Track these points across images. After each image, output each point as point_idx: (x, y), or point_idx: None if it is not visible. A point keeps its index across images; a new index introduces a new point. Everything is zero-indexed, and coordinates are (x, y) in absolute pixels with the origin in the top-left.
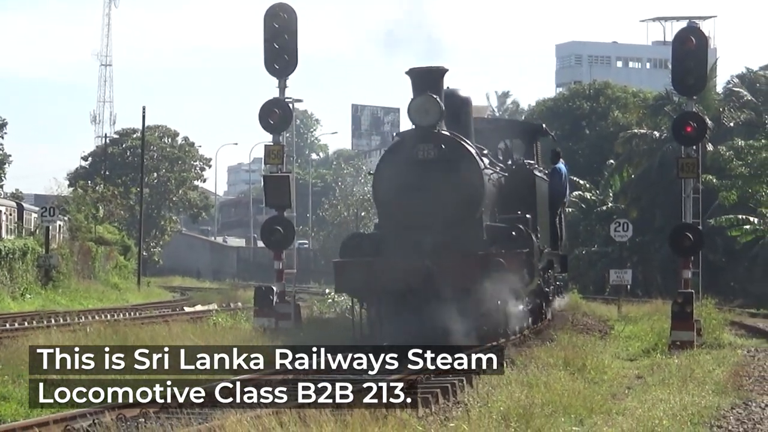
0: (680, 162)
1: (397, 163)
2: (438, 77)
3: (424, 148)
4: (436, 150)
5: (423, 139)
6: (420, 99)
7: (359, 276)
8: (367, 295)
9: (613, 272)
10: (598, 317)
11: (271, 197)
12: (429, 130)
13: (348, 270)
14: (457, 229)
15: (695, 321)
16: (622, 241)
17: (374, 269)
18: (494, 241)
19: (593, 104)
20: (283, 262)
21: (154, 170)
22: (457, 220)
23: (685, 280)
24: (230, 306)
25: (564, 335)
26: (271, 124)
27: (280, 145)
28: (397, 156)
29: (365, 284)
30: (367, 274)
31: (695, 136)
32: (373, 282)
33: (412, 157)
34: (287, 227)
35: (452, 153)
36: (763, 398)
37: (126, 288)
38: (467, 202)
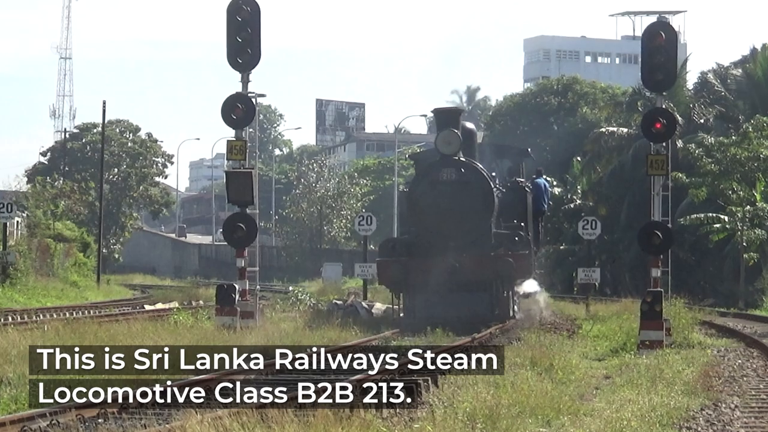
0: (650, 159)
1: (426, 184)
2: (456, 115)
3: (447, 171)
4: (457, 173)
5: (446, 164)
6: (444, 133)
7: (397, 272)
8: (403, 287)
9: (581, 271)
10: (566, 316)
11: (233, 193)
12: (451, 158)
13: (388, 267)
14: (473, 234)
15: (664, 320)
16: (590, 239)
17: (410, 266)
18: (501, 244)
19: (561, 100)
20: (246, 259)
21: (115, 166)
22: (473, 228)
23: (654, 278)
24: (192, 304)
25: (531, 334)
26: (233, 119)
27: (242, 140)
28: (426, 178)
29: (402, 278)
30: (404, 270)
31: (665, 132)
32: (408, 276)
33: (438, 178)
34: (250, 224)
35: (469, 176)
36: (733, 399)
37: (85, 286)
38: (481, 214)
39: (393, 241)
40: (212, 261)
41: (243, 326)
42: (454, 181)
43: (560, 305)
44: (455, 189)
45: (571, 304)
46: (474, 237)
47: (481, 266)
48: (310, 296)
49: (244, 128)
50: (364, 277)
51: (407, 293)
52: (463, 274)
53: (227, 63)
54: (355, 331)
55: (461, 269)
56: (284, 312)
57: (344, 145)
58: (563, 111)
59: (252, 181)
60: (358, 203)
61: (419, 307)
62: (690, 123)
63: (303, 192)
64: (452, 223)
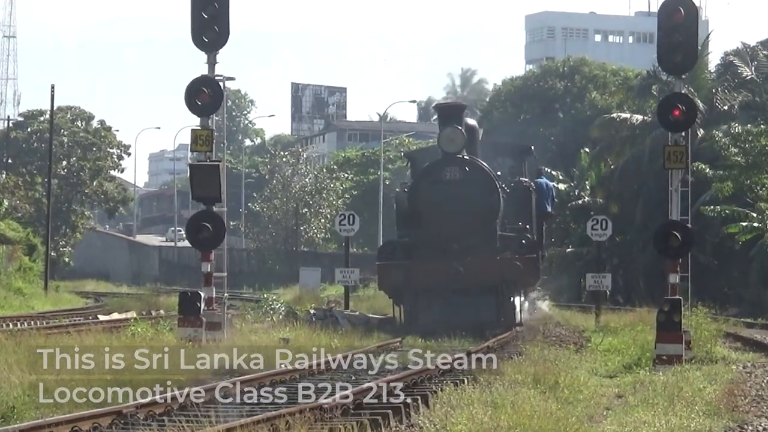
0: (667, 151)
1: (428, 183)
2: (460, 111)
3: (451, 170)
4: (461, 172)
5: (450, 163)
6: (448, 130)
7: (398, 276)
8: (404, 292)
9: (590, 276)
10: (573, 328)
11: (198, 189)
12: (454, 156)
13: (389, 271)
14: (476, 237)
15: (684, 332)
16: (600, 240)
17: (411, 270)
18: (506, 247)
19: (568, 84)
20: (212, 263)
21: (65, 158)
22: (476, 230)
23: (672, 285)
24: (151, 314)
25: (534, 348)
26: (198, 106)
27: (209, 129)
28: (428, 177)
29: (404, 283)
30: (405, 274)
31: (684, 120)
32: (410, 280)
33: (441, 178)
34: (217, 224)
35: (474, 175)
36: (761, 421)
37: (31, 293)
38: (486, 216)
39: (393, 244)
40: (174, 265)
41: (209, 339)
42: (458, 181)
43: (567, 315)
44: (459, 189)
45: (579, 314)
46: (479, 239)
47: (487, 270)
48: (285, 305)
49: (211, 116)
50: (345, 284)
51: (407, 298)
52: (467, 278)
53: (192, 42)
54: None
55: (465, 273)
56: (255, 323)
57: (323, 134)
58: (570, 96)
59: (219, 175)
60: (339, 200)
61: (421, 313)
62: (712, 110)
63: (277, 188)
64: (456, 225)
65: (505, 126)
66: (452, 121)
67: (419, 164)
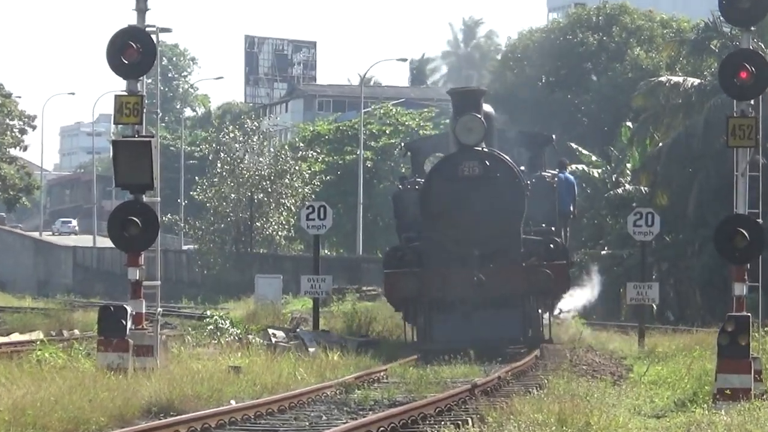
0: (731, 123)
1: (443, 180)
2: (478, 97)
3: (470, 165)
4: (481, 167)
5: (468, 156)
6: (466, 118)
7: (411, 286)
8: (417, 304)
9: (632, 287)
10: (609, 353)
11: (124, 173)
12: (473, 149)
13: (398, 280)
14: (499, 241)
15: (753, 359)
16: (644, 240)
17: (426, 279)
18: (532, 253)
19: (603, 38)
20: (142, 269)
21: None
22: (499, 233)
23: (737, 298)
24: (63, 335)
25: (559, 380)
26: (125, 65)
27: (138, 95)
28: (442, 173)
29: (416, 293)
30: (418, 284)
31: (753, 85)
32: (424, 291)
33: (458, 174)
34: (148, 218)
35: (496, 170)
36: None
37: None
38: (510, 217)
39: (401, 249)
40: (92, 272)
41: (137, 367)
42: (477, 177)
43: (601, 337)
44: (480, 186)
45: (618, 335)
46: (499, 244)
47: (512, 279)
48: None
49: (141, 78)
50: (314, 296)
51: (420, 311)
52: (489, 288)
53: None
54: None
55: (487, 283)
56: (198, 346)
57: (286, 102)
58: (606, 54)
59: (151, 154)
60: (306, 187)
61: (436, 329)
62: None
63: (225, 171)
64: (476, 228)
65: (522, 92)
66: (469, 109)
67: (422, 156)
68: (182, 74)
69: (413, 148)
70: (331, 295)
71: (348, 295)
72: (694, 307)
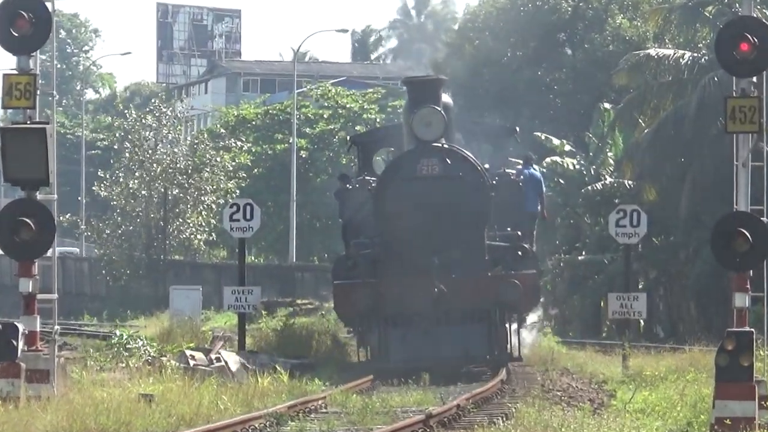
0: (730, 105)
1: (399, 180)
2: (438, 87)
3: (429, 163)
4: (441, 165)
5: (426, 153)
6: (424, 111)
7: (364, 299)
8: (371, 319)
9: (615, 298)
10: (588, 376)
11: (13, 167)
12: (432, 145)
13: (350, 292)
14: (461, 248)
15: (757, 382)
16: (630, 243)
17: (381, 291)
18: (497, 261)
19: (579, 4)
20: (36, 280)
21: None
22: (462, 239)
23: (739, 310)
24: None
25: (529, 408)
26: (14, 38)
27: (30, 74)
28: (398, 172)
29: (370, 307)
30: (373, 297)
31: (755, 59)
32: (380, 305)
33: (416, 173)
34: (42, 219)
35: (458, 168)
36: None
37: None
38: (473, 221)
39: (353, 257)
40: None
41: (30, 396)
42: (437, 176)
43: (579, 357)
44: (440, 186)
45: (598, 355)
46: (464, 251)
47: (476, 291)
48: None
49: (34, 54)
50: (240, 311)
51: (375, 327)
52: (451, 301)
53: None
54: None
55: (449, 295)
56: (103, 371)
57: (205, 81)
58: (582, 23)
59: (46, 144)
60: (229, 182)
61: (393, 347)
62: None
63: (134, 163)
64: (436, 233)
65: (483, 70)
66: (428, 100)
67: (370, 151)
68: (83, 49)
69: (360, 141)
70: (260, 310)
71: (280, 310)
72: (687, 321)
